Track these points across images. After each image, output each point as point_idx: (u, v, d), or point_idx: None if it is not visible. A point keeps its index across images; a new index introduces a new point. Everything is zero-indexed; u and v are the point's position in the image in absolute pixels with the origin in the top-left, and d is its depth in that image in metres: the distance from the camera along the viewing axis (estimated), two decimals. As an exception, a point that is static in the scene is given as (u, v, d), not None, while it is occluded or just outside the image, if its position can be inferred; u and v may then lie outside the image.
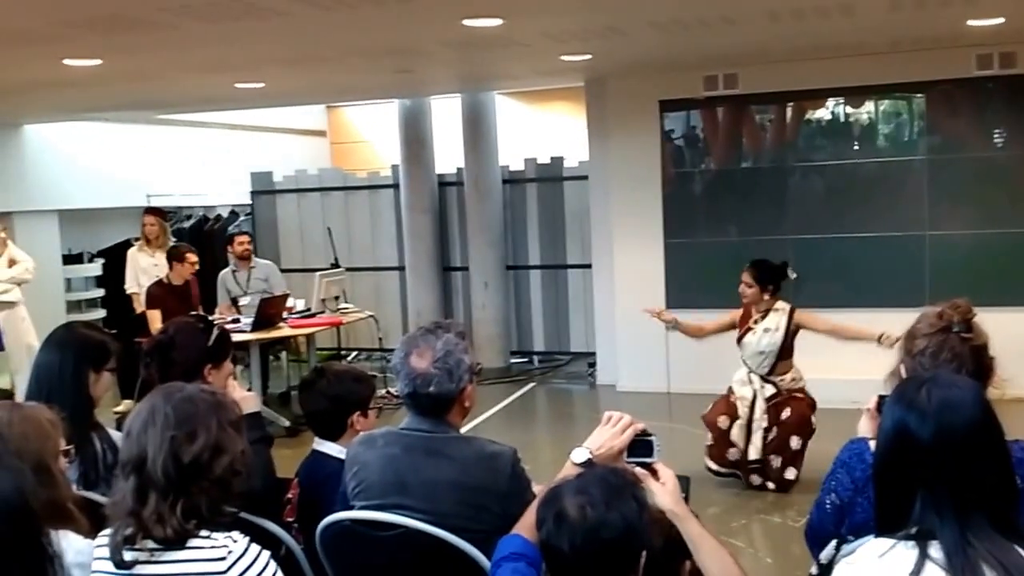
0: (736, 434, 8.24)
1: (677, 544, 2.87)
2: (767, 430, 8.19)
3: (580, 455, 3.27)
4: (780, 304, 8.38)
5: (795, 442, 8.05)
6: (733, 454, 8.28)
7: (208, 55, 8.84)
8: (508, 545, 3.08)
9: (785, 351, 8.32)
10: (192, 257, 11.03)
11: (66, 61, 8.63)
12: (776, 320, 8.30)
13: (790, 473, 8.16)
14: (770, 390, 8.30)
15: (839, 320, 8.52)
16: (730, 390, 8.47)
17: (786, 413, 8.20)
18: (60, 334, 4.52)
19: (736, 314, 8.55)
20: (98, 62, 8.75)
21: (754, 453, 8.21)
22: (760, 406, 8.24)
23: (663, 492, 3.11)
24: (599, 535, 2.67)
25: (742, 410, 8.26)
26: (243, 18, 7.07)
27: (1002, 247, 10.66)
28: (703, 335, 8.86)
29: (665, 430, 9.37)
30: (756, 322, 8.35)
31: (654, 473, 3.19)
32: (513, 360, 14.15)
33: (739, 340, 8.45)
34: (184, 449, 2.92)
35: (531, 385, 12.98)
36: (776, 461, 8.18)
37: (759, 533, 7.71)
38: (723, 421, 8.29)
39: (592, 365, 13.01)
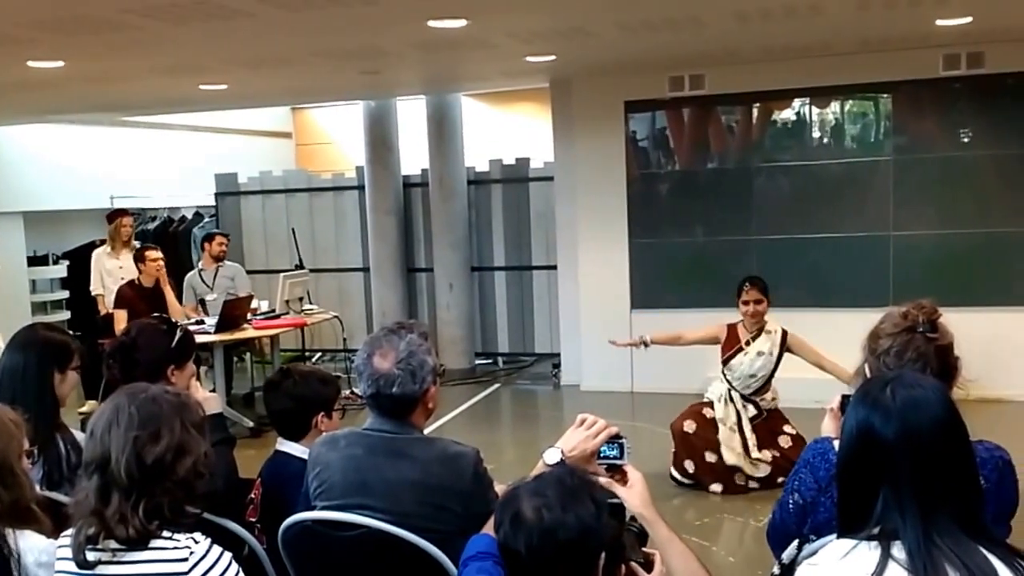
0: (732, 459, 8.17)
1: (613, 546, 2.83)
2: (760, 448, 8.20)
3: (552, 456, 3.27)
4: (771, 325, 8.34)
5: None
6: (689, 465, 8.28)
7: (172, 56, 8.81)
8: (476, 544, 3.05)
9: (773, 374, 8.33)
10: (152, 254, 10.97)
11: (30, 63, 8.61)
12: (768, 343, 8.27)
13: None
14: (752, 410, 8.30)
15: (824, 354, 8.32)
16: (702, 404, 8.44)
17: (786, 442, 8.21)
18: (23, 336, 4.52)
19: (721, 329, 8.47)
20: (61, 64, 8.73)
21: (764, 470, 8.18)
22: (747, 427, 8.23)
23: (631, 495, 3.13)
24: (555, 537, 2.65)
25: (725, 432, 8.20)
26: (207, 19, 7.06)
27: (967, 247, 10.74)
28: (682, 344, 8.81)
29: (628, 429, 9.42)
30: (748, 343, 8.30)
31: (624, 475, 3.22)
32: (478, 361, 14.18)
33: (726, 362, 8.38)
34: (148, 450, 2.92)
35: (495, 386, 13.00)
36: (781, 480, 8.03)
37: (721, 532, 7.73)
38: (688, 425, 8.26)
39: (556, 366, 13.07)
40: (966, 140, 10.89)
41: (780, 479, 8.04)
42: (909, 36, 9.90)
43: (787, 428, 8.30)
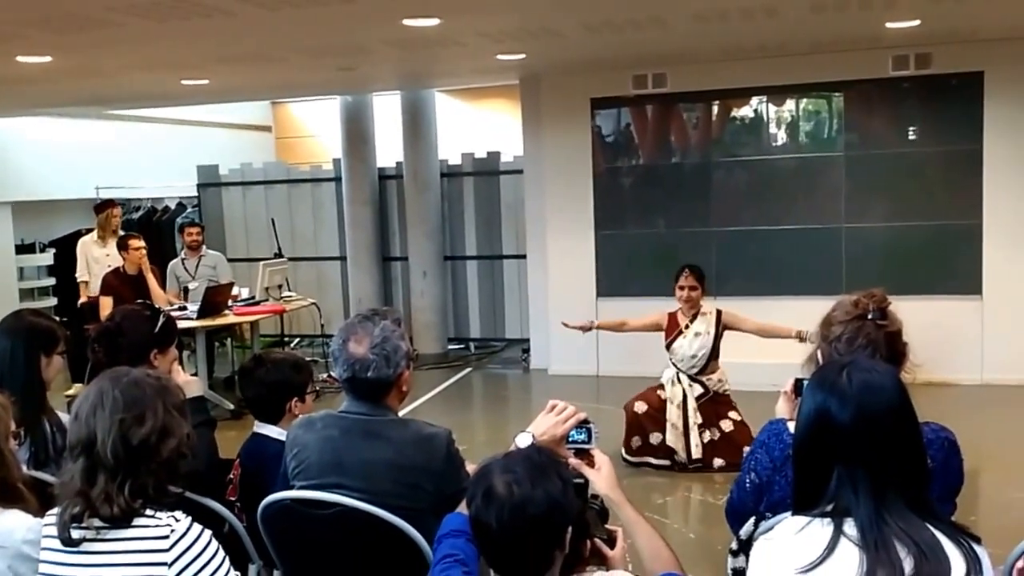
0: (671, 438, 8.38)
1: (577, 523, 2.90)
2: (702, 427, 8.38)
3: (524, 440, 3.31)
4: (706, 307, 8.58)
5: (747, 450, 8.14)
6: (636, 442, 8.49)
7: (155, 53, 8.94)
8: (450, 523, 3.16)
9: (715, 352, 8.54)
10: (135, 243, 11.14)
11: (19, 58, 8.74)
12: (705, 324, 8.50)
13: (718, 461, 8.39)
14: (698, 389, 8.51)
15: (762, 319, 8.73)
16: (658, 386, 8.64)
17: (727, 426, 8.41)
18: (9, 322, 4.57)
19: (662, 317, 8.69)
20: (49, 59, 8.85)
21: (696, 452, 8.37)
22: (691, 404, 8.42)
23: (598, 477, 3.25)
24: (525, 511, 2.71)
25: (672, 410, 8.42)
26: (188, 17, 7.20)
27: (914, 239, 11.02)
28: (626, 330, 9.09)
29: (593, 411, 9.62)
30: (686, 327, 8.52)
31: (591, 458, 3.34)
32: (450, 346, 14.40)
33: (668, 346, 8.60)
34: (133, 431, 2.98)
35: (467, 370, 13.21)
36: (719, 462, 8.34)
37: (683, 510, 7.98)
38: (639, 406, 8.50)
39: (526, 351, 13.26)
40: (914, 137, 11.16)
41: (717, 460, 8.35)
42: (860, 38, 10.13)
43: (732, 414, 8.50)
